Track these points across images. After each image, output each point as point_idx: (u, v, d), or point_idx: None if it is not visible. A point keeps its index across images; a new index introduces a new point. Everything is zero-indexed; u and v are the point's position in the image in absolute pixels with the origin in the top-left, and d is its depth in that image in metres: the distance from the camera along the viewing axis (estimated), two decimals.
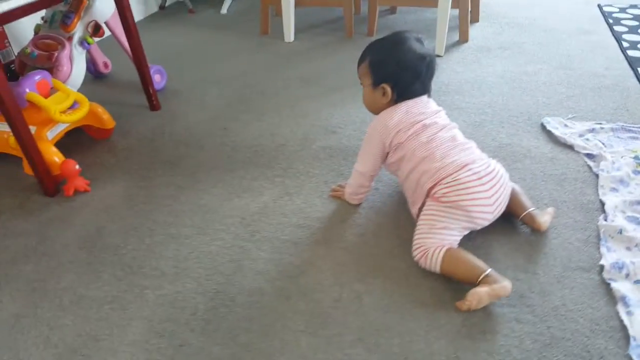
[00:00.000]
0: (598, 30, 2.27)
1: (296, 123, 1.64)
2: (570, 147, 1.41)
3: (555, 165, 1.34)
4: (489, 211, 1.03)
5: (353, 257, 1.08)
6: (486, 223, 1.05)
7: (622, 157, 1.32)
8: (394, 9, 2.64)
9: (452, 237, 1.02)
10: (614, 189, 1.21)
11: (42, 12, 1.61)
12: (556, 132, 1.47)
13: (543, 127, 1.52)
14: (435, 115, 1.13)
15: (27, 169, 1.28)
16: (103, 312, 0.98)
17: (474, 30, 2.31)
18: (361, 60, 1.15)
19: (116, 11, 1.59)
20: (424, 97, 1.15)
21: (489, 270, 0.93)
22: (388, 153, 1.14)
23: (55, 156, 1.29)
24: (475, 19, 2.42)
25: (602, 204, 1.18)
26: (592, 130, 1.46)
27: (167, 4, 2.90)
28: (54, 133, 1.35)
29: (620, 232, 1.06)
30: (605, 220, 1.11)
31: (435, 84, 1.19)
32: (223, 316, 0.96)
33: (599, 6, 2.56)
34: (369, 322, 0.93)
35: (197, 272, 1.06)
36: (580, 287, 0.98)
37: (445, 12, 2.05)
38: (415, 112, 1.11)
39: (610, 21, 2.35)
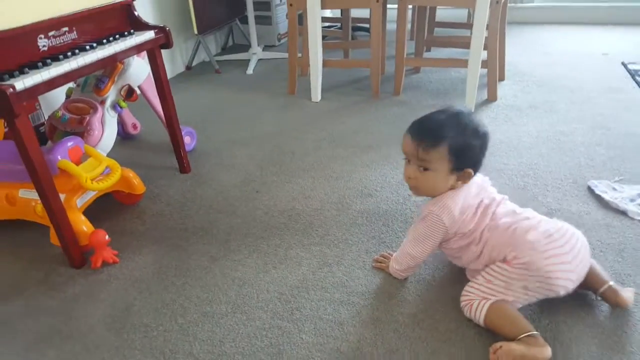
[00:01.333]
0: (627, 88, 2.24)
1: (330, 185, 1.58)
2: (623, 213, 1.33)
3: (611, 233, 1.26)
4: (569, 269, 0.94)
5: (406, 342, 0.98)
6: (570, 286, 0.96)
7: None
8: (418, 68, 2.65)
9: (510, 297, 0.96)
10: None
11: None
12: (606, 197, 1.39)
13: (590, 190, 1.45)
14: (488, 190, 1.09)
15: (54, 239, 1.22)
16: None
17: (501, 89, 2.29)
18: (434, 144, 0.98)
19: (150, 74, 1.59)
20: None
21: (535, 333, 0.90)
22: (450, 238, 1.08)
23: (83, 225, 1.23)
24: (501, 77, 2.41)
25: None
26: None
27: (193, 64, 2.95)
28: (83, 200, 1.30)
29: None
30: None
31: None
32: None
33: (624, 64, 2.55)
34: None
35: (234, 358, 0.97)
36: None
37: (476, 72, 2.05)
38: (473, 192, 1.06)
39: (638, 79, 2.32)
